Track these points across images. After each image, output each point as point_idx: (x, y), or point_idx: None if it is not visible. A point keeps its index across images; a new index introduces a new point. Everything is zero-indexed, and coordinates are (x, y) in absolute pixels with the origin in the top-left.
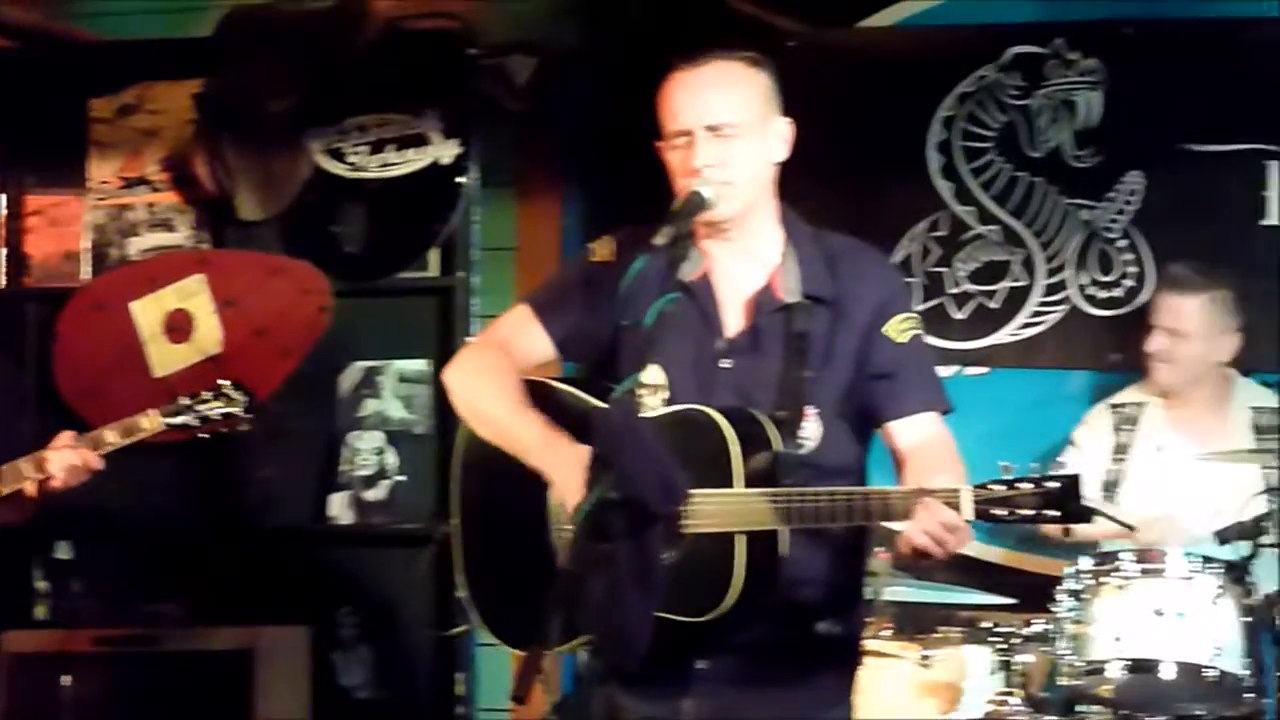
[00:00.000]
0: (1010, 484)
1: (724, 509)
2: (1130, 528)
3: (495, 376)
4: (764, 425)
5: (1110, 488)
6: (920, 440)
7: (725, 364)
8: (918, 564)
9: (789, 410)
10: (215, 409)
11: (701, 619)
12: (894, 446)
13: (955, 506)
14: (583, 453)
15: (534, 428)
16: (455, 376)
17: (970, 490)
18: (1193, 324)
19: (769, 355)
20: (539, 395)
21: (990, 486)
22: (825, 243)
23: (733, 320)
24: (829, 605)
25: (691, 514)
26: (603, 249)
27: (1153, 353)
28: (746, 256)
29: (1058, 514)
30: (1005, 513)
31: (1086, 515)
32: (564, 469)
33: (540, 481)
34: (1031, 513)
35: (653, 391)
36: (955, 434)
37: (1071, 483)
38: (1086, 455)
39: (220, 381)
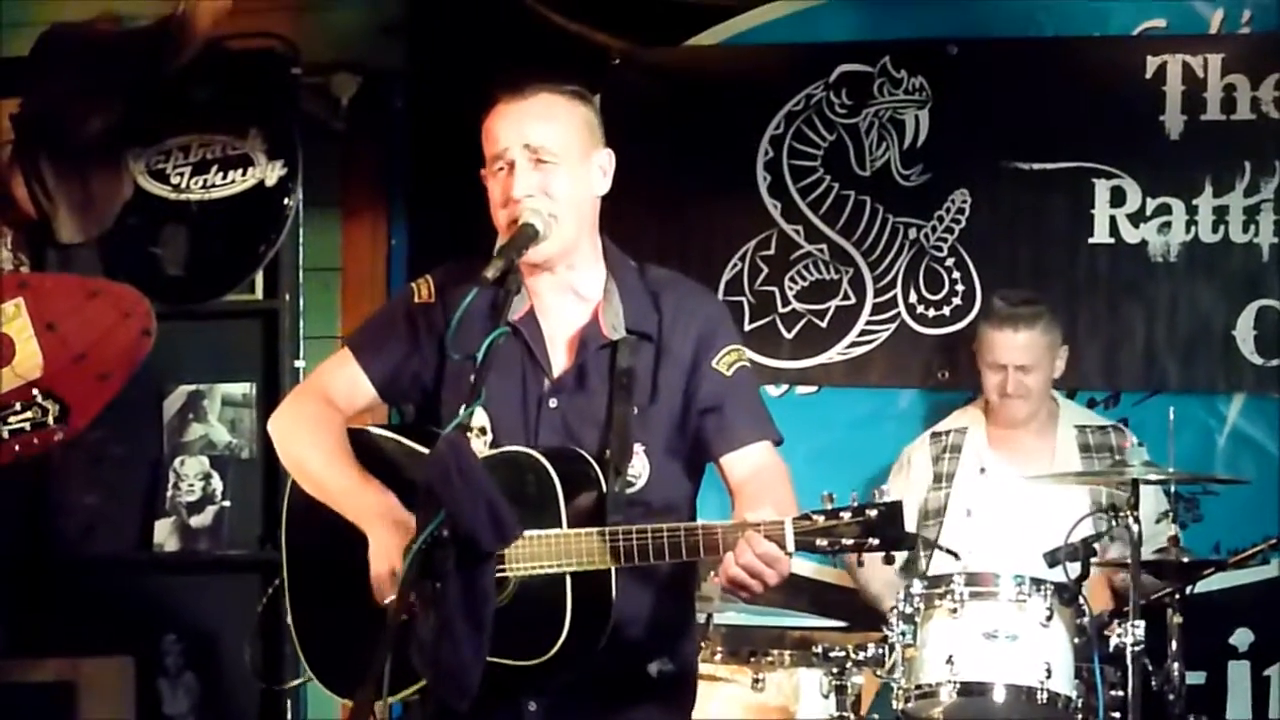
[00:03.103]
0: (831, 514)
1: (552, 549)
2: (954, 554)
3: (313, 427)
4: (590, 464)
5: (934, 515)
6: (752, 472)
7: (552, 403)
8: (737, 595)
9: (616, 448)
10: (25, 420)
11: (532, 663)
12: (728, 480)
13: (779, 538)
14: (391, 503)
15: (347, 479)
16: (276, 426)
17: (792, 522)
18: (1033, 356)
19: (595, 393)
20: (361, 443)
21: (813, 517)
22: (648, 277)
23: (558, 359)
24: (659, 643)
25: (518, 556)
26: (422, 289)
27: (1009, 393)
28: (570, 293)
29: (878, 542)
30: (827, 543)
31: (909, 542)
32: (372, 520)
33: None
34: (853, 542)
35: (477, 434)
36: (786, 453)
37: (892, 510)
38: (907, 487)
39: (34, 392)
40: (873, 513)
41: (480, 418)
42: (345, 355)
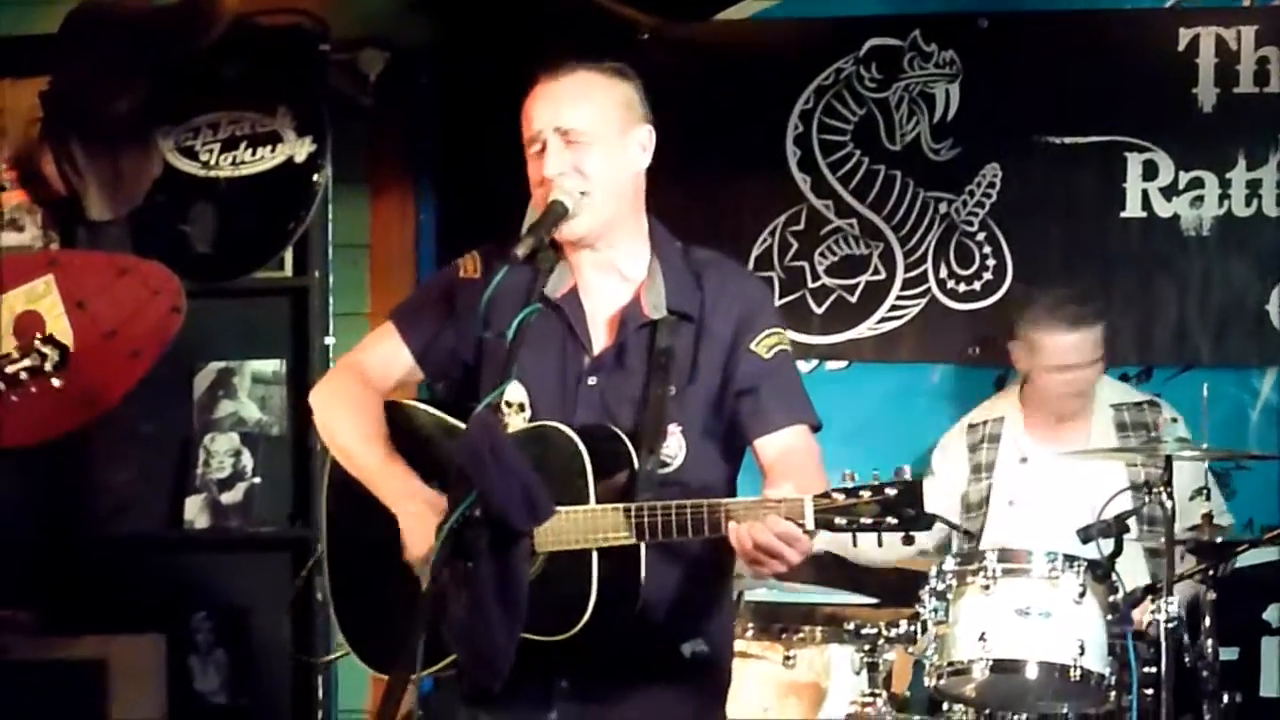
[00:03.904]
0: (851, 492)
1: (577, 525)
2: (969, 534)
3: (352, 405)
4: (622, 442)
5: (976, 507)
6: (781, 454)
7: (590, 381)
8: (758, 573)
9: (651, 427)
10: (24, 367)
11: (558, 638)
12: (762, 463)
13: (799, 516)
14: (420, 488)
15: (378, 459)
16: (317, 400)
17: (811, 500)
18: (1087, 354)
19: (633, 372)
20: (397, 417)
21: (832, 495)
22: (692, 257)
23: (599, 337)
24: (693, 625)
25: (543, 531)
26: (469, 264)
27: (1074, 392)
28: (613, 272)
29: (897, 521)
30: (846, 521)
31: (927, 522)
32: (403, 504)
33: None
34: (871, 521)
35: (516, 410)
36: None
37: (910, 488)
38: (943, 479)
39: (35, 337)
40: (892, 491)
41: (520, 394)
42: (388, 327)
